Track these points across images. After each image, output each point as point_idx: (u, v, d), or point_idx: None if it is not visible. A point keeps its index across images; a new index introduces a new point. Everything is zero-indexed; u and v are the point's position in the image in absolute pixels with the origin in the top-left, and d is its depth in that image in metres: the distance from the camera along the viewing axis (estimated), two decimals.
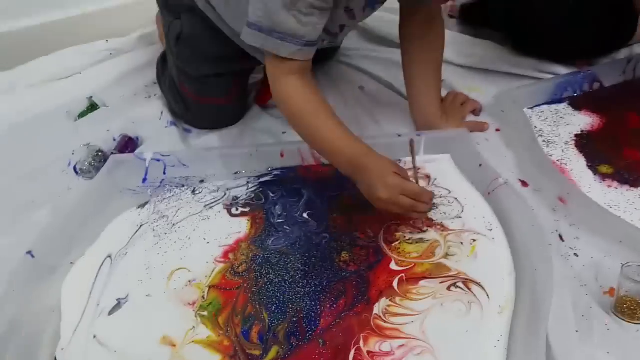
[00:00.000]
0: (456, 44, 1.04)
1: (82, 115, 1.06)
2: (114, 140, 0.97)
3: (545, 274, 0.60)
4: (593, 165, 0.78)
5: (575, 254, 0.66)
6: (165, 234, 0.77)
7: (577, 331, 0.57)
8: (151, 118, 1.01)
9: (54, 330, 0.66)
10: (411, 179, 0.70)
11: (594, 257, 0.65)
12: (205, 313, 0.65)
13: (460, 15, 1.17)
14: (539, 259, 0.63)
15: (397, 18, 0.87)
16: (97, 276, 0.72)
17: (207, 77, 0.94)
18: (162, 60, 1.05)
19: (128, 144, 0.96)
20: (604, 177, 0.76)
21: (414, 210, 0.69)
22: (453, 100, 0.93)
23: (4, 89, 1.12)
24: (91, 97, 1.09)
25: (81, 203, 0.83)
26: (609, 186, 0.74)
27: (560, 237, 0.68)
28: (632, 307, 0.58)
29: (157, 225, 0.79)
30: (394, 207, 0.68)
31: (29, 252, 0.73)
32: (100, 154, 0.93)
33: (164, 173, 0.88)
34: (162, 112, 1.02)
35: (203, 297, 0.67)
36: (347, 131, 0.72)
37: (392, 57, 1.04)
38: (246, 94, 1.03)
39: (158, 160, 0.88)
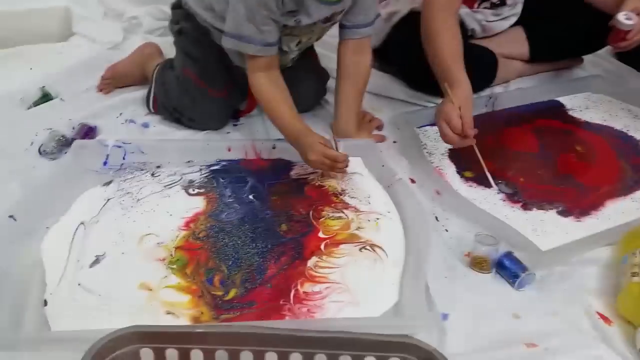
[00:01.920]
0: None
1: (36, 103, 1.16)
2: (73, 128, 1.09)
3: (425, 241, 0.87)
4: (460, 171, 1.07)
5: (446, 230, 0.94)
6: (132, 207, 0.93)
7: (445, 277, 0.84)
8: (109, 111, 1.14)
9: (40, 280, 0.79)
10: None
11: (458, 232, 0.94)
12: (175, 266, 0.82)
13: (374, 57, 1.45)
14: (421, 231, 0.89)
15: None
16: (73, 239, 0.86)
17: (208, 63, 1.11)
18: (162, 69, 1.19)
19: (88, 132, 1.08)
20: (467, 179, 1.06)
21: (333, 168, 0.97)
22: (363, 117, 1.20)
23: None
24: (44, 87, 1.19)
25: (50, 179, 0.95)
26: (470, 186, 1.04)
27: (436, 218, 0.96)
28: (482, 263, 0.86)
29: (123, 200, 0.94)
30: (321, 165, 0.97)
31: (11, 216, 0.84)
32: (62, 138, 1.05)
33: (124, 158, 1.03)
34: (120, 114, 1.15)
35: (171, 254, 0.84)
36: (296, 116, 1.00)
37: None
38: (240, 97, 1.18)
39: (119, 147, 1.02)
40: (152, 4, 1.53)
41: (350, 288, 0.81)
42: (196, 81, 1.12)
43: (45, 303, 0.75)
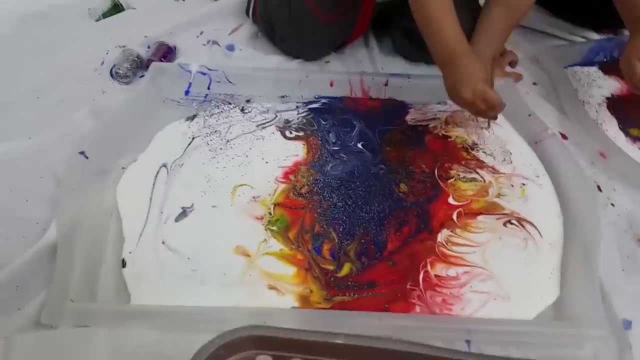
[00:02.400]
0: None
1: (105, 15, 0.99)
2: (149, 47, 0.92)
3: (593, 219, 0.67)
4: (624, 128, 0.84)
5: (612, 204, 0.73)
6: (221, 149, 0.76)
7: (623, 270, 0.64)
8: (187, 28, 0.96)
9: (116, 234, 0.65)
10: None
11: (628, 207, 0.73)
12: (275, 228, 0.67)
13: None
14: (586, 206, 0.69)
15: None
16: (154, 184, 0.71)
17: None
18: None
19: (166, 53, 0.91)
20: (634, 139, 0.83)
21: (485, 116, 0.75)
22: None
23: None
24: None
25: (124, 107, 0.79)
26: (639, 147, 0.81)
27: (599, 187, 0.75)
28: None
29: (211, 140, 0.78)
30: (471, 107, 0.74)
31: (82, 152, 0.70)
32: (137, 59, 0.88)
33: (209, 88, 0.86)
34: (201, 32, 0.96)
35: (270, 213, 0.69)
36: (458, 27, 0.75)
37: None
38: (350, 26, 0.95)
39: (204, 74, 0.85)
40: None
41: (496, 275, 0.63)
42: (316, 12, 0.89)
43: (124, 264, 0.62)
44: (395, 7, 0.92)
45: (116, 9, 1.00)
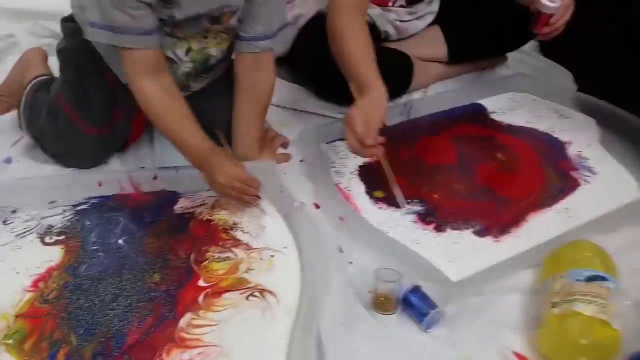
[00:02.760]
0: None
1: None
2: None
3: (322, 280, 0.75)
4: (370, 191, 0.96)
5: (350, 262, 0.82)
6: None
7: (342, 325, 0.71)
8: None
9: None
10: None
11: (364, 264, 0.81)
12: (11, 341, 0.67)
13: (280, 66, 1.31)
14: (319, 268, 0.77)
15: None
16: None
17: (87, 90, 0.95)
18: (37, 88, 1.02)
19: None
20: (377, 200, 0.94)
21: (245, 193, 0.85)
22: (266, 134, 1.06)
23: None
24: None
25: None
26: (380, 207, 0.92)
27: (340, 249, 0.84)
28: (385, 303, 0.74)
29: None
30: (229, 190, 0.84)
31: None
32: None
33: None
34: None
35: (8, 326, 0.69)
36: (198, 130, 0.85)
37: None
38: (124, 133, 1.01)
39: None
40: (31, 20, 1.35)
41: (230, 350, 0.67)
42: (69, 112, 0.95)
43: None
44: None
45: None
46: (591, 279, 0.68)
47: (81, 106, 0.95)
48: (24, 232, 0.83)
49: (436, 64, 1.28)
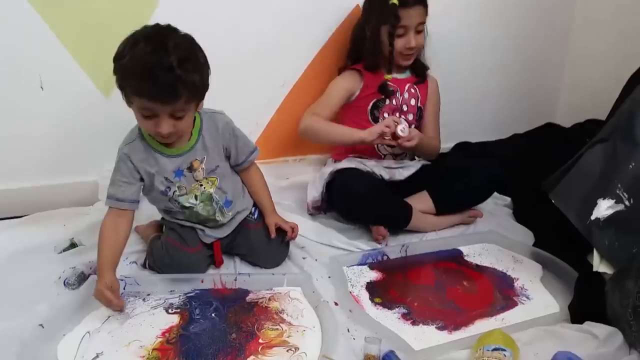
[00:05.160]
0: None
1: (65, 250, 1.58)
2: (91, 268, 1.49)
3: (334, 345, 1.21)
4: (372, 298, 1.45)
5: (353, 338, 1.27)
6: (126, 320, 1.29)
7: None
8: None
9: None
10: None
11: (363, 339, 1.27)
12: None
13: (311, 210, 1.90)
14: (333, 339, 1.24)
15: None
16: (80, 342, 1.21)
17: (182, 229, 1.52)
18: (154, 239, 1.55)
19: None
20: (376, 304, 1.42)
21: (108, 307, 1.28)
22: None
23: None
24: (72, 238, 1.62)
25: (70, 302, 1.33)
26: (378, 309, 1.40)
27: (348, 329, 1.30)
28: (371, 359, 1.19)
29: (119, 316, 1.31)
30: (100, 298, 1.27)
31: (41, 325, 1.21)
32: (82, 274, 1.45)
33: (124, 288, 1.41)
34: (127, 258, 1.54)
35: (148, 353, 1.19)
36: (112, 254, 1.34)
37: None
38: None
39: (122, 280, 1.42)
40: None
41: None
42: (175, 243, 1.51)
43: None
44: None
45: (73, 246, 1.60)
46: (495, 349, 1.13)
47: (182, 239, 1.52)
48: (156, 306, 1.36)
49: (431, 215, 1.82)
